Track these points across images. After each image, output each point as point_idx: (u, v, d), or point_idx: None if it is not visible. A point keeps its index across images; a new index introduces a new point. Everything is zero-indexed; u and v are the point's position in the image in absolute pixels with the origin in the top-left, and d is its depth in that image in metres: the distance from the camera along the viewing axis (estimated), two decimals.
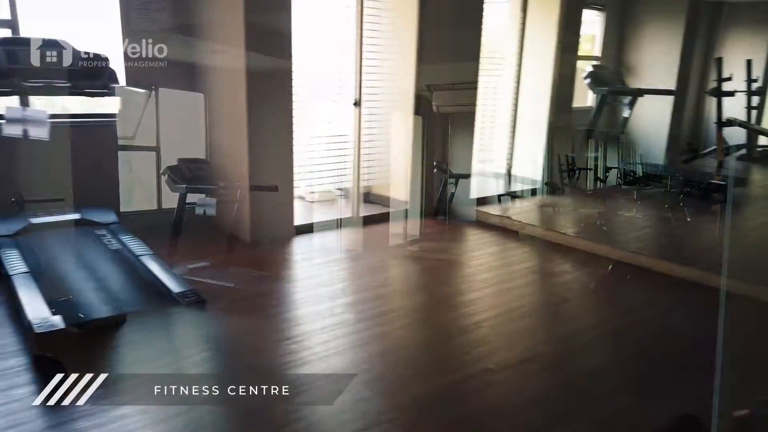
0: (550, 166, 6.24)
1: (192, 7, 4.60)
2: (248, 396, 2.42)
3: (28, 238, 3.60)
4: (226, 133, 4.52)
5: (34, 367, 2.55)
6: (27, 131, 3.40)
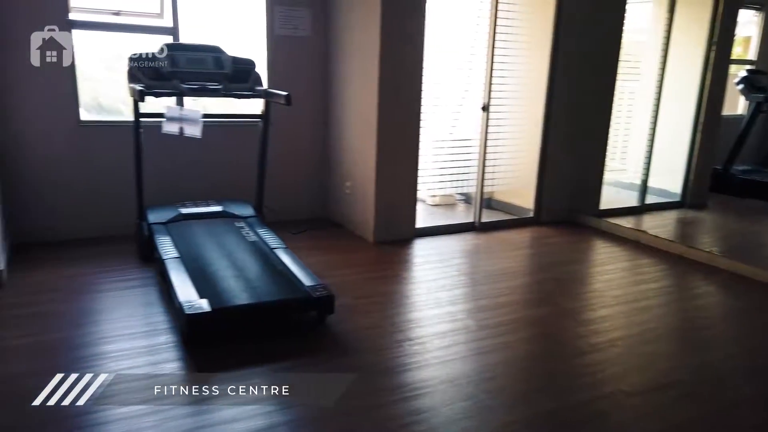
0: (693, 178, 5.76)
1: (332, 14, 4.80)
2: (368, 392, 2.48)
3: (178, 226, 3.95)
4: (356, 134, 4.67)
5: (185, 344, 2.79)
6: (183, 129, 3.73)
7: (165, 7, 4.38)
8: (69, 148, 4.19)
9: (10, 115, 3.95)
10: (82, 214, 4.32)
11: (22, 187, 4.07)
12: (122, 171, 4.28)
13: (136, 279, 3.65)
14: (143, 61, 3.74)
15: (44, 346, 2.75)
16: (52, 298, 3.30)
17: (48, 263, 3.82)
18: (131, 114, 3.82)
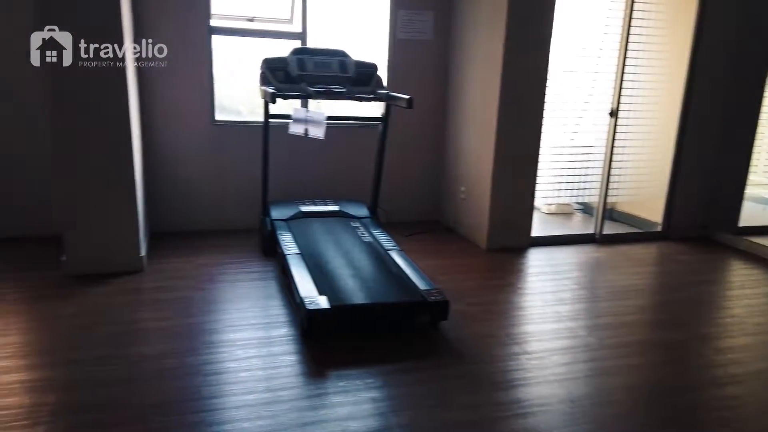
0: None
1: (455, 17, 4.77)
2: (481, 404, 2.41)
3: (298, 223, 4.11)
4: (473, 138, 4.60)
5: (304, 338, 2.89)
6: (307, 130, 3.87)
7: (295, 13, 4.57)
8: (203, 146, 4.50)
9: (153, 115, 4.31)
10: (212, 208, 4.62)
11: (161, 181, 4.43)
12: (249, 168, 4.54)
13: (259, 272, 3.84)
14: (274, 65, 3.93)
15: (179, 330, 2.96)
16: (185, 285, 3.55)
17: (181, 252, 4.12)
18: (249, 115, 4.02)
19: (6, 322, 2.99)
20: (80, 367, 2.56)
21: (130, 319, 3.06)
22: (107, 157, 3.51)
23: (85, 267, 3.59)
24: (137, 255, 3.71)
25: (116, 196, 3.58)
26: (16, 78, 3.91)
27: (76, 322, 2.99)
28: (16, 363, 2.59)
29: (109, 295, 3.33)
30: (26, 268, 3.66)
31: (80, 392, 2.37)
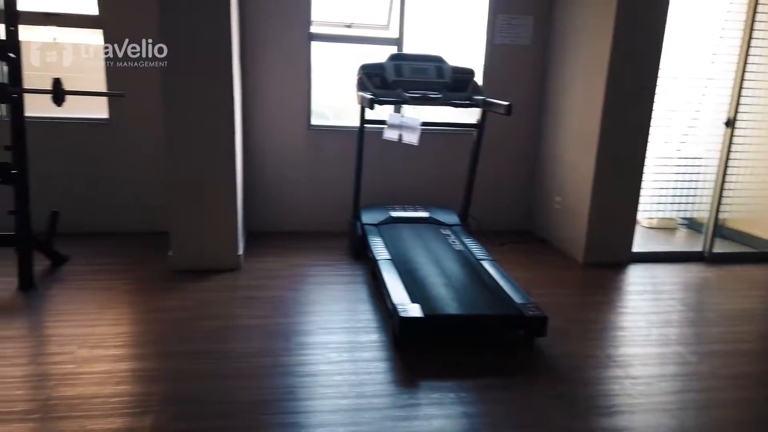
0: None
1: (557, 22, 4.61)
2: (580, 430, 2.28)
3: (388, 228, 4.11)
4: (572, 147, 4.41)
5: (395, 345, 2.87)
6: (401, 136, 3.86)
7: (392, 19, 4.60)
8: (299, 149, 4.61)
9: (253, 118, 4.47)
10: (305, 210, 4.73)
11: (257, 182, 4.59)
12: (342, 172, 4.61)
13: (348, 275, 3.87)
14: (371, 71, 3.96)
15: (274, 329, 3.04)
16: (279, 285, 3.64)
17: (274, 252, 4.24)
18: (334, 119, 4.05)
19: (118, 312, 3.19)
20: (184, 359, 2.68)
21: (228, 315, 3.17)
22: (213, 158, 3.67)
23: (188, 263, 3.77)
24: (235, 254, 3.85)
25: (219, 197, 3.74)
26: (134, 83, 4.18)
27: (181, 315, 3.14)
28: (127, 352, 2.75)
29: (210, 291, 3.48)
30: (137, 262, 3.89)
31: (184, 384, 2.47)
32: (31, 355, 2.71)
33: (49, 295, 3.33)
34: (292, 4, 4.33)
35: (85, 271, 3.70)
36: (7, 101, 3.23)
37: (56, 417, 2.20)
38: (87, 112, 4.27)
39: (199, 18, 3.45)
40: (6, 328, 2.93)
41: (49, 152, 4.14)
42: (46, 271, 3.66)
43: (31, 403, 2.29)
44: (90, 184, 4.38)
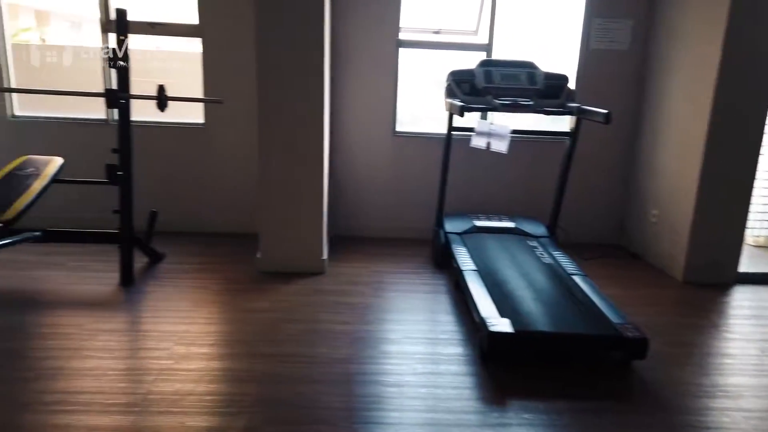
0: None
1: (658, 25, 4.37)
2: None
3: (473, 238, 4.03)
4: (672, 158, 4.15)
5: (482, 360, 2.79)
6: (490, 144, 3.77)
7: (481, 25, 4.52)
8: (383, 155, 4.62)
9: (340, 124, 4.52)
10: (387, 216, 4.73)
11: (341, 186, 4.63)
12: (425, 179, 4.57)
13: (430, 284, 3.82)
14: (461, 77, 3.90)
15: (359, 336, 3.03)
16: (362, 291, 3.64)
17: (357, 257, 4.25)
18: (410, 125, 3.98)
19: (210, 311, 3.30)
20: (274, 361, 2.72)
21: (314, 319, 3.20)
22: (301, 163, 3.73)
23: (275, 265, 3.85)
24: (320, 258, 3.90)
25: (306, 201, 3.80)
26: (229, 90, 4.33)
27: (269, 317, 3.20)
28: (219, 351, 2.84)
29: (296, 294, 3.53)
30: (227, 262, 4.02)
31: (274, 386, 2.51)
32: (131, 349, 2.84)
33: (146, 292, 3.49)
34: (382, 11, 4.34)
35: (179, 270, 3.86)
36: (116, 106, 3.43)
37: (156, 412, 2.29)
38: (184, 117, 4.46)
39: (294, 27, 3.52)
40: (108, 322, 3.09)
41: (150, 155, 4.36)
42: (144, 268, 3.85)
43: (132, 397, 2.39)
44: (186, 185, 4.58)
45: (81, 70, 4.71)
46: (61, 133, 4.41)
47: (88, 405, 2.31)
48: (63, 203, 4.19)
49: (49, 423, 2.18)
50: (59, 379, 2.48)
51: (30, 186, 3.32)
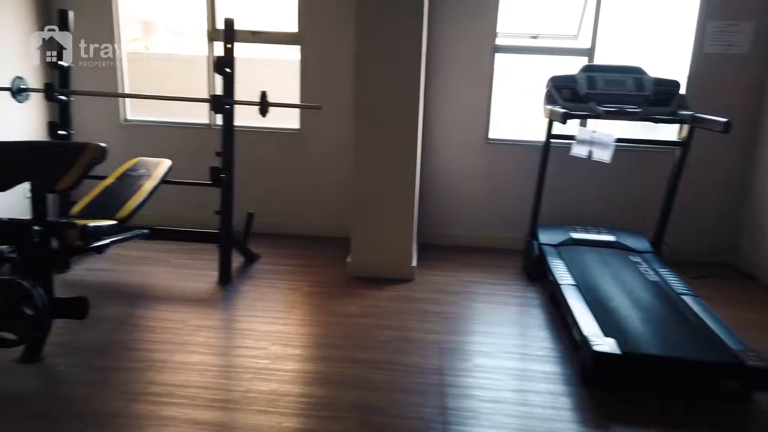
0: None
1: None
2: None
3: (569, 251, 3.85)
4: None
5: (582, 381, 2.64)
6: (592, 152, 3.60)
7: (582, 28, 4.34)
8: (474, 162, 4.53)
9: (431, 129, 4.48)
10: (477, 224, 4.63)
11: (431, 193, 4.58)
12: (518, 188, 4.44)
13: (521, 297, 3.69)
14: (562, 83, 3.75)
15: (450, 346, 2.97)
16: (451, 300, 3.58)
17: (446, 266, 4.18)
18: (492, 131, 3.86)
19: (303, 313, 3.36)
20: (366, 367, 2.71)
21: (404, 327, 3.17)
22: (394, 171, 3.72)
23: (365, 270, 3.86)
24: (409, 265, 3.87)
25: (397, 208, 3.78)
26: (325, 96, 4.40)
27: (361, 322, 3.21)
28: (313, 353, 2.87)
29: (386, 300, 3.52)
30: (319, 265, 4.08)
31: (367, 392, 2.50)
32: (230, 347, 2.93)
33: (242, 291, 3.60)
34: (480, 16, 4.26)
35: (273, 271, 3.96)
36: (221, 111, 3.58)
37: (254, 410, 2.34)
38: (281, 123, 4.59)
39: (393, 33, 3.53)
40: (209, 318, 3.22)
41: (247, 159, 4.51)
42: (240, 267, 3.98)
43: (232, 394, 2.46)
44: (281, 189, 4.70)
45: (186, 77, 4.98)
46: (167, 136, 4.65)
47: (192, 399, 2.40)
48: (168, 203, 4.41)
49: (157, 414, 2.28)
50: (166, 372, 2.60)
51: (142, 186, 3.53)
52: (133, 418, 2.25)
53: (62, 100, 3.72)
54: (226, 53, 3.55)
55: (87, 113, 4.43)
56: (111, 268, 3.85)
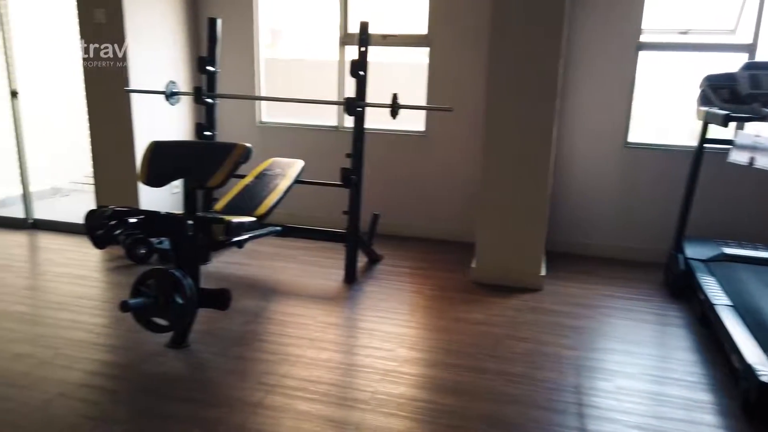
0: None
1: None
2: None
3: (721, 267, 3.48)
4: None
5: (745, 414, 2.35)
6: (754, 159, 3.22)
7: (741, 22, 3.91)
8: (611, 168, 4.24)
9: (564, 132, 4.25)
10: (612, 234, 4.33)
11: (563, 200, 4.35)
12: (659, 196, 4.11)
13: (663, 314, 3.39)
14: (718, 83, 3.41)
15: (587, 364, 2.78)
16: (584, 314, 3.36)
17: (576, 276, 3.94)
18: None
19: (426, 316, 3.31)
20: (497, 378, 2.60)
21: (536, 339, 3.02)
22: (525, 176, 3.58)
23: (490, 277, 3.75)
24: (538, 274, 3.70)
25: (527, 215, 3.63)
26: (452, 99, 4.35)
27: (488, 330, 3.10)
28: (439, 359, 2.81)
29: (513, 310, 3.38)
30: (441, 269, 4.02)
31: (499, 406, 2.39)
32: (358, 346, 2.95)
33: (367, 291, 3.63)
34: (623, 12, 3.98)
35: (395, 272, 3.96)
36: (353, 114, 3.63)
37: (383, 412, 2.32)
38: (406, 125, 4.59)
39: (529, 33, 3.40)
40: (336, 316, 3.27)
41: (374, 160, 4.55)
42: (363, 267, 4.03)
43: (362, 393, 2.46)
44: (405, 191, 4.69)
45: (315, 81, 5.16)
46: (297, 137, 4.83)
47: (324, 395, 2.43)
48: (296, 202, 4.57)
49: (294, 408, 2.33)
50: (300, 366, 2.66)
51: (278, 185, 3.67)
52: (271, 410, 2.32)
53: (209, 102, 3.98)
54: (360, 56, 3.61)
55: (227, 115, 4.72)
56: (245, 262, 4.05)
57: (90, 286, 3.60)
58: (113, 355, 2.77)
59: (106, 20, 4.08)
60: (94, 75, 4.23)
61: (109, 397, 2.41)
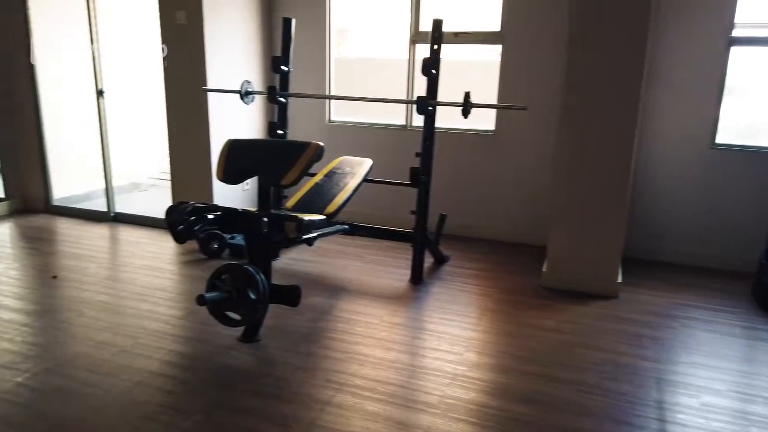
0: None
1: None
2: None
3: None
4: None
5: None
6: None
7: None
8: (695, 171, 4.00)
9: (645, 133, 4.04)
10: (693, 241, 4.09)
11: (641, 203, 4.15)
12: (749, 202, 3.85)
13: (752, 328, 3.16)
14: None
15: (669, 378, 2.62)
16: (664, 324, 3.18)
17: (654, 284, 3.75)
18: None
19: (495, 320, 3.23)
20: (572, 389, 2.50)
21: (612, 349, 2.88)
22: (603, 179, 3.42)
23: (561, 282, 3.62)
24: (614, 280, 3.54)
25: (604, 219, 3.47)
26: (524, 97, 4.23)
27: (557, 337, 2.99)
28: (510, 365, 2.72)
29: (587, 317, 3.25)
30: (510, 272, 3.92)
31: (577, 418, 2.29)
32: (425, 348, 2.91)
33: (434, 292, 3.59)
34: (713, 7, 3.75)
35: (462, 274, 3.90)
36: (424, 113, 3.59)
37: (453, 417, 2.28)
38: (476, 124, 4.50)
39: (611, 29, 3.24)
40: (403, 316, 3.24)
41: (442, 159, 4.50)
42: (430, 268, 3.99)
43: (431, 397, 2.42)
44: (474, 191, 4.61)
45: (383, 80, 5.14)
46: (365, 136, 4.84)
47: (392, 397, 2.41)
48: (363, 200, 4.58)
49: (363, 408, 2.32)
50: (368, 366, 2.66)
51: (347, 184, 3.69)
52: (340, 408, 2.32)
53: (282, 102, 4.04)
54: (432, 55, 3.56)
55: (297, 114, 4.79)
56: (313, 260, 4.10)
57: (166, 278, 3.74)
58: (187, 347, 2.85)
59: (187, 21, 4.22)
60: (173, 75, 4.39)
61: (183, 388, 2.48)
